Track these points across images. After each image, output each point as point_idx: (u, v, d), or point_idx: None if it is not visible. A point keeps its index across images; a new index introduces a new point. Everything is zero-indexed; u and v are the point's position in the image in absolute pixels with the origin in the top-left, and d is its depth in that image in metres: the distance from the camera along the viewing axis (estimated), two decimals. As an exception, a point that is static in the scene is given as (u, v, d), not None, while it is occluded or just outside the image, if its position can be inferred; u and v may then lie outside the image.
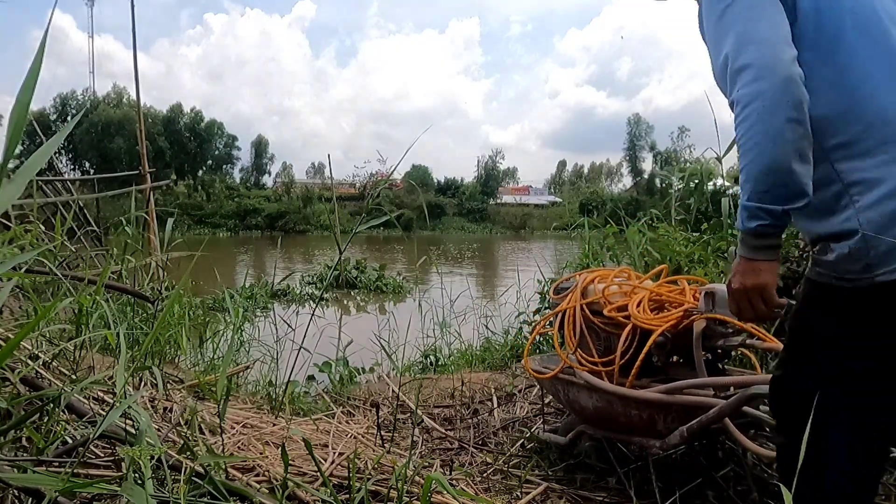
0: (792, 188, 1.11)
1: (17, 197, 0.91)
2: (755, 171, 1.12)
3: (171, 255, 4.88)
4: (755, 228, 1.16)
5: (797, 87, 1.09)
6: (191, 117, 51.36)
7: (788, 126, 1.08)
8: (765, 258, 1.18)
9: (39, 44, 0.94)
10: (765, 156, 1.10)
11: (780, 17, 1.15)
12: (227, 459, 1.57)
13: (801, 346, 1.29)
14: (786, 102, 1.08)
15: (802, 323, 1.29)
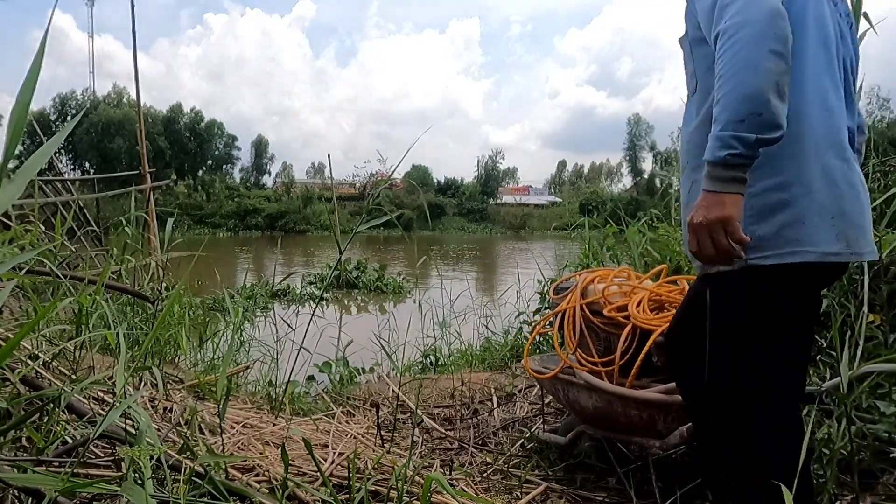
0: (767, 118, 1.12)
1: (18, 197, 0.91)
2: (733, 98, 1.13)
3: (171, 256, 4.88)
4: (725, 157, 1.15)
5: (783, 21, 1.11)
6: (191, 117, 51.35)
7: (771, 57, 1.10)
8: (732, 191, 1.17)
9: (39, 44, 0.94)
10: (745, 84, 1.11)
11: None
12: (227, 459, 1.57)
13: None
14: (771, 34, 1.10)
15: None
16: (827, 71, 1.26)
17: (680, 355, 1.45)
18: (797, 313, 1.34)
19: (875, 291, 2.39)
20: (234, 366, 3.33)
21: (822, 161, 1.24)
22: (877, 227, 2.59)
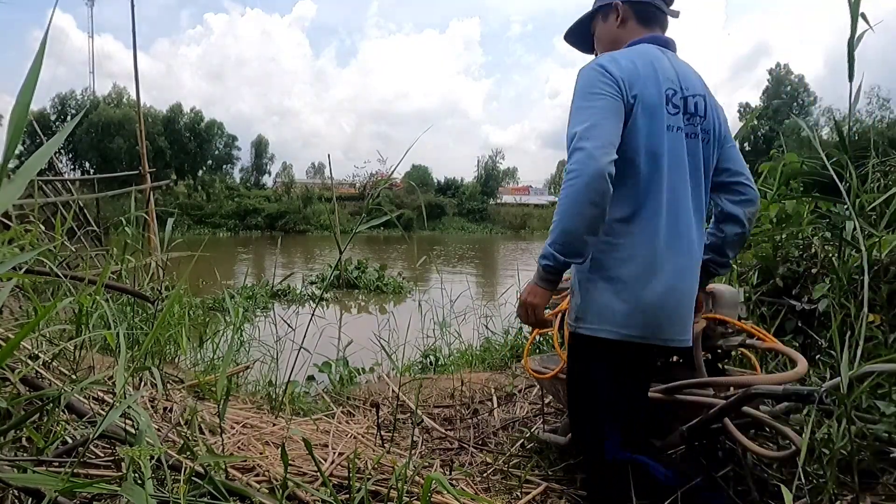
0: (577, 249, 1.52)
1: (18, 197, 0.91)
2: (559, 228, 1.51)
3: (171, 256, 4.88)
4: (544, 265, 1.56)
5: (605, 182, 1.46)
6: (191, 117, 51.32)
7: (590, 207, 1.47)
8: (543, 287, 1.59)
9: (40, 44, 0.94)
10: (568, 220, 1.49)
11: (618, 127, 1.53)
12: (227, 459, 1.57)
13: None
14: (594, 189, 1.45)
15: None
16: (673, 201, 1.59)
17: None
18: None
19: (875, 291, 2.39)
20: (234, 366, 3.33)
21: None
22: (876, 228, 2.60)
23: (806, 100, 50.44)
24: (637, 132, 1.55)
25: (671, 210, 1.57)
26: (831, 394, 1.65)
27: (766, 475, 2.14)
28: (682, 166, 1.60)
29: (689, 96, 1.66)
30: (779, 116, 47.62)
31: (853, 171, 2.46)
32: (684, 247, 1.60)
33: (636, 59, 1.60)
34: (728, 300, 2.10)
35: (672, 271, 1.57)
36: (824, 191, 3.26)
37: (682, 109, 1.63)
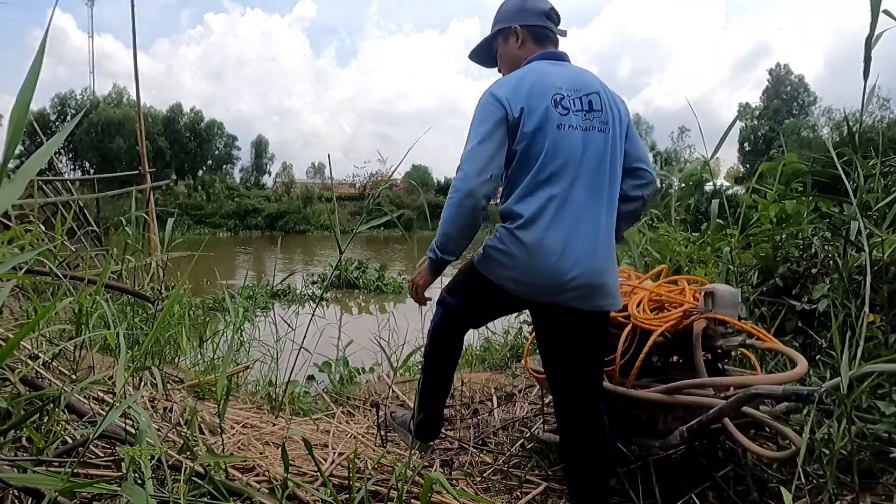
0: (452, 250, 1.90)
1: (18, 197, 0.91)
2: (440, 231, 1.87)
3: (172, 256, 4.88)
4: (428, 256, 1.94)
5: (477, 200, 1.80)
6: (191, 117, 51.26)
7: (462, 219, 1.83)
8: (429, 275, 1.98)
9: (39, 44, 0.94)
10: (446, 227, 1.85)
11: (497, 149, 1.81)
12: (227, 459, 1.57)
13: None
14: (466, 206, 1.80)
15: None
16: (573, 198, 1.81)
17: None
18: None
19: (875, 291, 2.39)
20: (234, 366, 3.33)
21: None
22: (878, 228, 2.59)
23: (806, 100, 50.41)
24: (527, 136, 1.80)
25: (568, 197, 1.81)
26: (831, 394, 1.65)
27: (766, 475, 2.14)
28: (578, 157, 1.81)
29: (583, 95, 1.88)
30: (779, 116, 47.60)
31: (861, 170, 2.46)
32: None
33: (524, 76, 1.86)
34: (728, 300, 2.10)
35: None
36: (824, 190, 3.26)
37: (576, 108, 1.86)
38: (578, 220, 1.78)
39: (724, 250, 3.42)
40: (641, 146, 2.02)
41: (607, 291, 1.82)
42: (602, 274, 1.80)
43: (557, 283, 1.76)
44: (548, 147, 1.78)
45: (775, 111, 48.55)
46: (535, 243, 1.77)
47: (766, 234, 3.27)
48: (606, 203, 1.84)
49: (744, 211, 3.58)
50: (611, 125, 1.87)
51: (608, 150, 1.85)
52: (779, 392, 1.67)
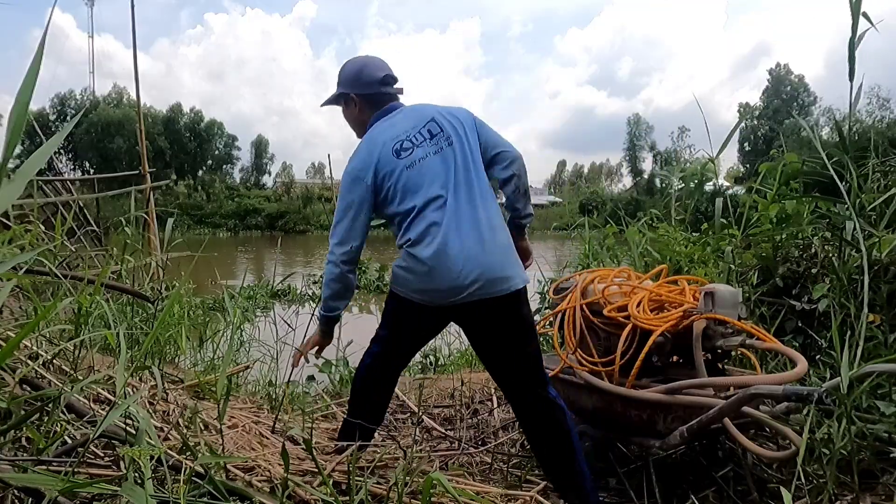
0: (333, 309, 2.23)
1: (18, 196, 0.91)
2: (322, 296, 2.22)
3: (171, 256, 4.88)
4: (318, 320, 2.28)
5: (343, 268, 2.13)
6: (191, 117, 51.28)
7: (337, 284, 2.16)
8: (321, 335, 2.30)
9: (39, 44, 0.94)
10: (326, 292, 2.20)
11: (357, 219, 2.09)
12: (227, 459, 1.57)
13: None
14: (337, 273, 2.14)
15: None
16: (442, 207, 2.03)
17: None
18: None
19: (875, 291, 2.39)
20: (234, 366, 3.32)
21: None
22: (876, 228, 2.59)
23: (806, 100, 50.40)
24: (389, 187, 2.06)
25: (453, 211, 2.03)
26: (831, 394, 1.65)
27: (766, 475, 2.14)
28: (442, 176, 2.05)
29: (422, 128, 2.13)
30: (779, 116, 47.60)
31: (854, 171, 2.46)
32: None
33: (367, 146, 2.12)
34: (728, 300, 2.10)
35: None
36: (824, 191, 3.26)
37: (419, 142, 2.11)
38: (459, 226, 2.00)
39: (724, 250, 3.42)
40: (493, 134, 2.22)
41: (506, 275, 2.01)
42: (496, 264, 2.00)
43: (458, 284, 1.97)
44: (407, 187, 2.05)
45: (775, 111, 48.54)
46: (428, 256, 1.98)
47: (766, 234, 3.27)
48: (480, 200, 2.06)
49: (744, 211, 3.58)
50: (455, 136, 2.12)
51: (463, 157, 2.09)
52: (779, 392, 1.67)
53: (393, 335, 2.22)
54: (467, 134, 2.15)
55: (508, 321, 2.06)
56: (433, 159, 2.08)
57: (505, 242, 2.07)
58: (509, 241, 2.10)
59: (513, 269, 2.05)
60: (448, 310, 2.07)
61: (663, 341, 2.12)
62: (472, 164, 2.10)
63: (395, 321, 2.21)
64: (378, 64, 2.24)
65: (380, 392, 2.30)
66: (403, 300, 2.10)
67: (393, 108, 2.21)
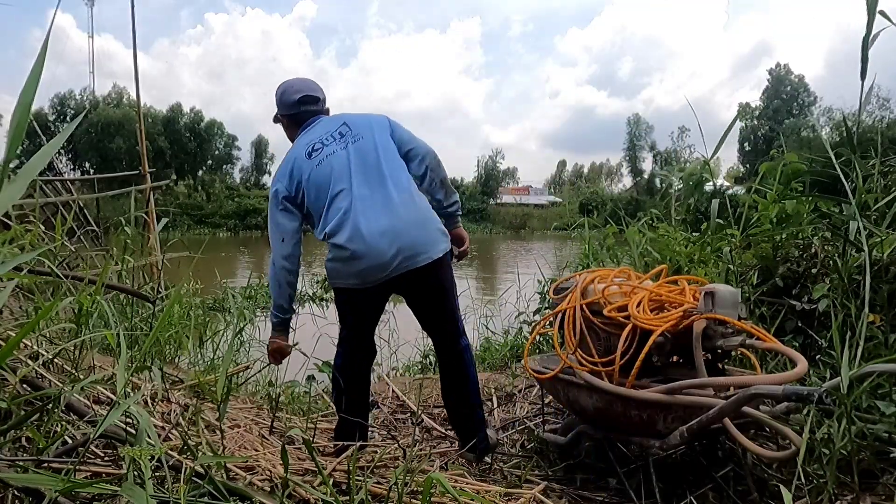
0: (282, 311, 2.45)
1: (19, 197, 0.91)
2: (272, 298, 2.43)
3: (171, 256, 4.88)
4: (272, 322, 2.48)
5: (283, 266, 2.36)
6: (191, 117, 51.24)
7: (279, 284, 2.39)
8: (278, 334, 2.49)
9: (41, 45, 0.94)
10: (273, 294, 2.42)
11: (288, 229, 2.37)
12: (227, 459, 1.57)
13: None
14: (279, 270, 2.36)
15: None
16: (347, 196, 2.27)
17: None
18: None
19: (875, 291, 2.39)
20: (234, 365, 3.32)
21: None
22: (878, 227, 2.59)
23: (806, 100, 50.39)
24: (306, 188, 2.32)
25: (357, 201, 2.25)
26: (831, 394, 1.65)
27: (766, 475, 2.14)
28: (347, 169, 2.28)
29: (333, 132, 2.39)
30: (779, 116, 47.58)
31: (860, 170, 2.46)
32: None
33: (286, 157, 2.44)
34: (728, 300, 2.10)
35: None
36: (824, 191, 3.26)
37: (329, 142, 2.36)
38: (370, 208, 2.23)
39: (724, 250, 3.42)
40: (406, 134, 2.46)
41: (425, 248, 2.26)
42: (412, 239, 2.24)
43: (381, 261, 2.20)
44: (318, 182, 2.30)
45: (775, 111, 48.52)
46: (345, 241, 2.20)
47: (766, 234, 3.26)
48: (393, 185, 2.28)
49: (744, 211, 3.57)
50: (364, 132, 2.37)
51: (373, 148, 2.33)
52: (779, 392, 1.67)
53: (350, 328, 2.45)
54: (376, 131, 2.39)
55: (431, 286, 2.36)
56: (340, 154, 2.32)
57: (419, 219, 2.29)
58: (425, 218, 2.32)
59: (429, 241, 2.28)
60: (383, 285, 2.29)
61: (663, 341, 2.12)
62: (381, 153, 2.33)
63: (346, 313, 2.44)
64: (297, 86, 2.51)
65: (356, 388, 2.47)
66: (344, 290, 2.33)
67: (313, 121, 2.49)
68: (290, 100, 2.49)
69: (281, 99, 2.52)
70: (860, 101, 2.43)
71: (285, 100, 2.51)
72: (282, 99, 2.52)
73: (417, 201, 2.32)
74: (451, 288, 2.45)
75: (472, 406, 2.47)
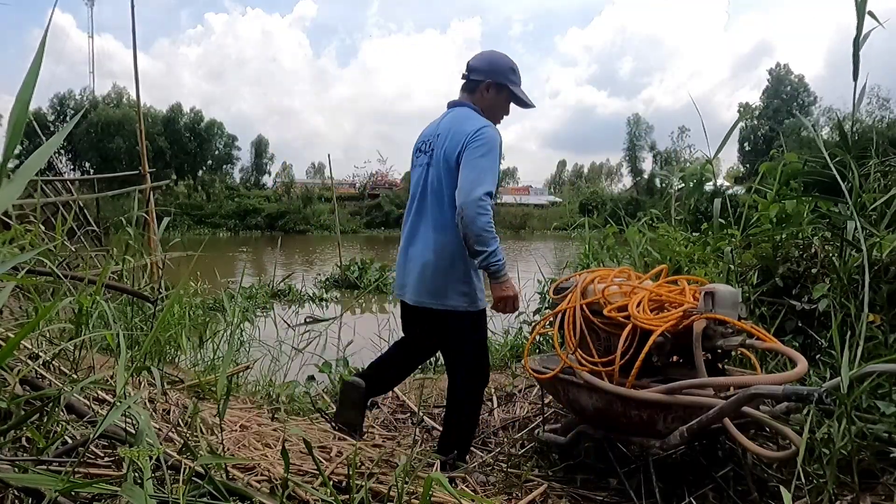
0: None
1: (18, 196, 0.91)
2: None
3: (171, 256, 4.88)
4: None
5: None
6: (191, 117, 51.22)
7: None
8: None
9: (39, 43, 0.94)
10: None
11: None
12: (227, 460, 1.57)
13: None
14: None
15: None
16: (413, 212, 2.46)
17: None
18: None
19: (875, 291, 2.39)
20: (234, 366, 3.32)
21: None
22: (877, 228, 2.59)
23: (806, 100, 50.39)
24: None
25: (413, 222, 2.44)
26: (831, 394, 1.65)
27: (766, 475, 2.14)
28: (416, 190, 2.42)
29: (431, 138, 2.39)
30: (779, 116, 47.58)
31: (856, 171, 2.46)
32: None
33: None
34: (728, 300, 2.10)
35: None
36: (824, 191, 3.26)
37: (424, 150, 2.41)
38: (413, 235, 2.39)
39: (724, 250, 3.42)
40: (462, 175, 2.25)
41: (428, 296, 2.36)
42: (423, 283, 2.35)
43: (401, 283, 2.47)
44: (410, 184, 2.47)
45: (775, 111, 48.53)
46: (399, 250, 2.47)
47: (766, 234, 3.26)
48: (432, 224, 2.34)
49: (744, 211, 3.57)
50: (434, 161, 2.36)
51: (434, 180, 2.34)
52: (779, 392, 1.67)
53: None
54: (443, 163, 2.31)
55: (436, 330, 2.48)
56: (418, 171, 2.44)
57: (436, 267, 2.33)
58: (439, 268, 2.33)
59: (433, 291, 2.35)
60: (406, 305, 2.51)
61: (663, 341, 2.12)
62: (434, 191, 2.35)
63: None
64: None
65: (376, 361, 2.73)
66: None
67: (449, 104, 2.49)
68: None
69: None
70: (853, 102, 2.44)
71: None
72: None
73: (441, 249, 2.32)
74: (455, 342, 2.47)
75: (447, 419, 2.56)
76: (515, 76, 2.45)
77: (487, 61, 2.44)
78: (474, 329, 2.47)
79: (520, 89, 2.46)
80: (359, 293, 10.62)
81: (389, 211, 44.27)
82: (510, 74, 2.43)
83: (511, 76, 2.43)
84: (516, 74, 2.45)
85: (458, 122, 2.33)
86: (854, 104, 2.47)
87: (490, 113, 2.42)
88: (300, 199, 46.92)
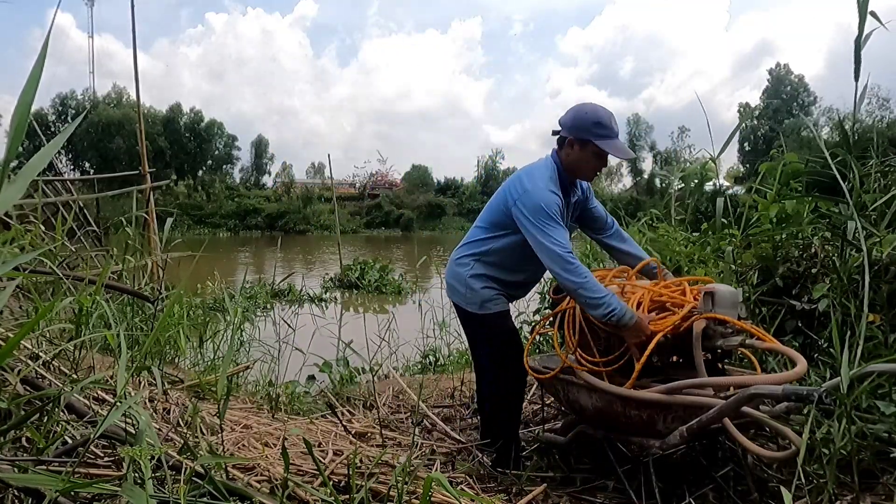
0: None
1: (19, 197, 0.91)
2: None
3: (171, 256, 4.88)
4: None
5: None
6: (191, 117, 51.18)
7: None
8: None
9: (42, 45, 0.94)
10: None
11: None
12: (227, 460, 1.57)
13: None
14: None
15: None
16: None
17: None
18: None
19: (875, 291, 2.39)
20: (235, 366, 3.33)
21: None
22: (877, 228, 2.59)
23: (806, 100, 50.36)
24: None
25: None
26: (831, 394, 1.65)
27: (766, 475, 2.14)
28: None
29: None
30: (779, 116, 47.56)
31: (857, 171, 2.46)
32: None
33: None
34: (728, 300, 2.10)
35: None
36: (824, 191, 3.26)
37: None
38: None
39: (724, 250, 3.42)
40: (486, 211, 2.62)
41: (449, 287, 2.64)
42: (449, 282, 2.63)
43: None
44: None
45: (775, 111, 48.51)
46: None
47: (766, 234, 3.26)
48: (468, 233, 2.65)
49: (744, 211, 3.57)
50: (498, 190, 2.59)
51: (488, 204, 2.63)
52: (779, 392, 1.67)
53: None
54: (493, 197, 2.60)
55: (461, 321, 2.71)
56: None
57: (452, 266, 2.63)
58: (453, 270, 2.62)
59: (449, 283, 2.63)
60: None
61: (663, 341, 2.12)
62: (479, 218, 2.64)
63: None
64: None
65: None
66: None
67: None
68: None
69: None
70: (854, 101, 2.44)
71: None
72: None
73: (460, 260, 2.59)
74: (474, 338, 2.66)
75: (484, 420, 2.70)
76: (602, 128, 2.34)
77: (572, 116, 2.41)
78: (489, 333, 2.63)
79: (609, 142, 2.35)
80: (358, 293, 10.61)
81: (389, 211, 44.30)
82: (595, 129, 2.34)
83: (596, 130, 2.34)
84: (604, 127, 2.34)
85: (520, 175, 2.49)
86: (855, 104, 2.47)
87: (574, 168, 2.42)
88: (300, 200, 46.91)
